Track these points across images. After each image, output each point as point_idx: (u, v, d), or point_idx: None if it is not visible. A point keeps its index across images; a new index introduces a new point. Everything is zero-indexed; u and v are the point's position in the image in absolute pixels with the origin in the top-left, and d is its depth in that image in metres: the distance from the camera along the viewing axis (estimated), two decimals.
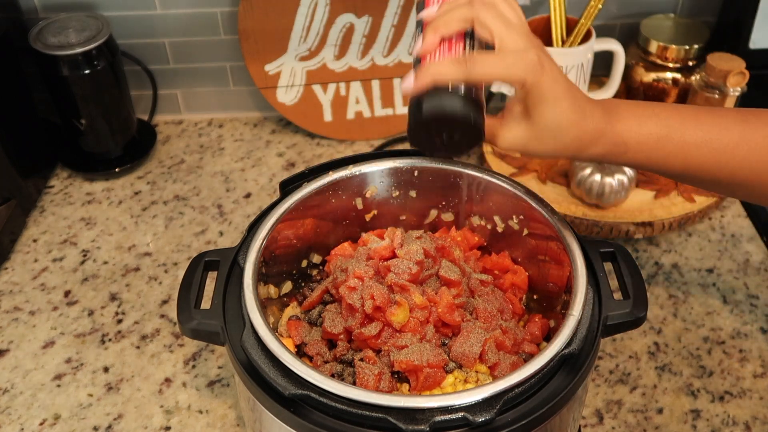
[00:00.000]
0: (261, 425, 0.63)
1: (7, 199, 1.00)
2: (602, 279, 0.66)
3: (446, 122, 0.59)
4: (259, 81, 1.14)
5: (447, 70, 0.58)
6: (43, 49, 1.01)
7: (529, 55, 0.58)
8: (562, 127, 0.60)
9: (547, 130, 0.61)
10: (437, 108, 0.58)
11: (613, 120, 0.62)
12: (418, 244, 0.74)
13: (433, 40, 0.60)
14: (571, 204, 0.98)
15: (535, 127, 0.61)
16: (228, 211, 1.06)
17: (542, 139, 0.61)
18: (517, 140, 0.62)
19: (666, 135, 0.62)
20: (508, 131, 0.62)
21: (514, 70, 0.58)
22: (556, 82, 0.59)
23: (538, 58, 0.58)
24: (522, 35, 0.59)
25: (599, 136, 0.62)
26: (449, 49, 0.60)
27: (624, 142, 0.62)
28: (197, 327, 0.64)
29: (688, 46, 1.08)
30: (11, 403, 0.82)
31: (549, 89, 0.59)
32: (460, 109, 0.58)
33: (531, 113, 0.61)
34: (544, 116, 0.60)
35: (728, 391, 0.81)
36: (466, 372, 0.68)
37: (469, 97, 0.58)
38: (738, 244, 0.98)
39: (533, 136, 0.62)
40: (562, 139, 0.61)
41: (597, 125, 0.61)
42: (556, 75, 0.59)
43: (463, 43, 0.60)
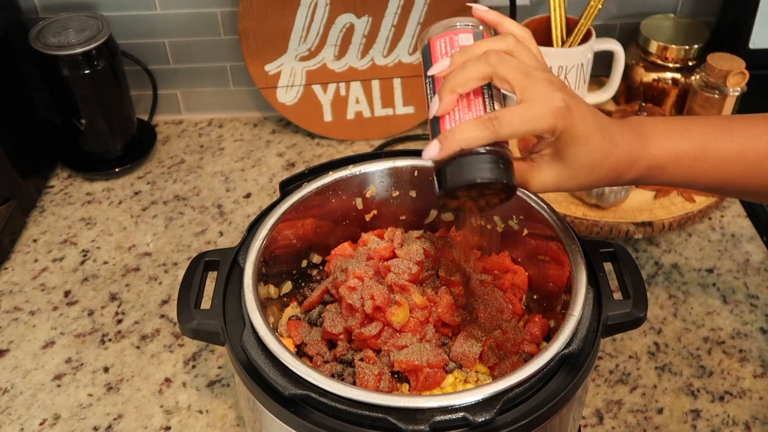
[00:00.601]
0: (261, 425, 0.63)
1: (7, 199, 1.00)
2: (602, 279, 0.66)
3: (478, 186, 0.56)
4: (259, 81, 1.14)
5: (473, 135, 0.55)
6: (43, 49, 1.01)
7: (555, 101, 0.55)
8: (595, 163, 0.58)
9: (581, 169, 0.59)
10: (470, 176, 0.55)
11: (645, 143, 0.60)
12: (418, 244, 0.74)
13: (452, 100, 0.57)
14: (571, 204, 0.98)
15: (568, 167, 0.59)
16: (228, 211, 1.06)
17: (576, 177, 0.59)
18: (550, 183, 0.60)
19: (702, 153, 0.61)
20: (541, 175, 0.60)
21: (542, 120, 0.55)
22: (585, 120, 0.57)
23: (564, 102, 0.55)
24: (542, 81, 0.56)
25: (633, 161, 0.60)
26: (468, 107, 0.57)
27: (659, 165, 0.61)
28: (197, 327, 0.64)
29: (688, 46, 1.09)
30: (11, 403, 0.82)
31: (579, 129, 0.57)
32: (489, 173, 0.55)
33: (563, 155, 0.58)
34: (577, 156, 0.58)
35: (728, 391, 0.81)
36: (466, 372, 0.68)
37: (497, 157, 0.56)
38: (738, 244, 0.98)
39: (567, 176, 0.59)
40: (597, 173, 0.59)
41: (629, 151, 0.59)
42: (584, 113, 0.57)
43: (482, 96, 0.57)
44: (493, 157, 0.55)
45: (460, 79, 0.56)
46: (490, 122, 0.55)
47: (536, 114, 0.55)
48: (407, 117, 1.18)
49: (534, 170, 0.60)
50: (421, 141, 1.17)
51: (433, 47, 0.61)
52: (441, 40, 0.61)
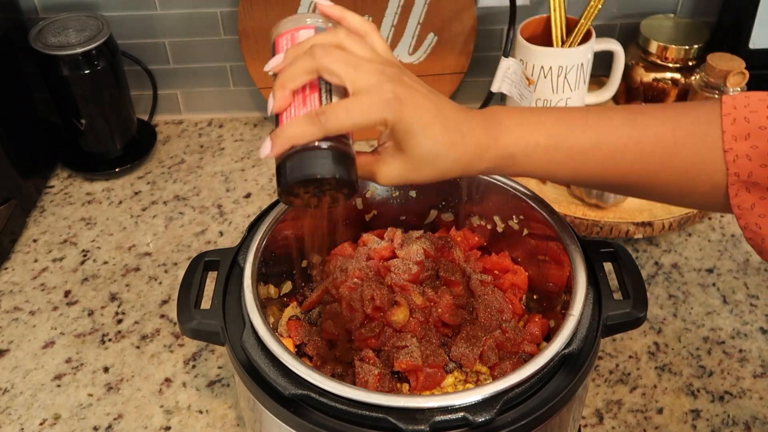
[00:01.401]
0: (261, 425, 0.63)
1: (7, 199, 1.00)
2: (602, 279, 0.66)
3: (314, 182, 0.55)
4: (259, 81, 1.14)
5: (301, 131, 0.55)
6: (43, 49, 1.01)
7: (383, 91, 0.54)
8: (439, 154, 0.57)
9: (424, 159, 0.57)
10: (301, 173, 0.55)
11: (497, 133, 0.59)
12: (418, 245, 0.74)
13: (283, 96, 0.56)
14: (571, 204, 0.98)
15: (410, 159, 0.57)
16: (228, 211, 1.06)
17: (421, 169, 0.58)
18: (395, 175, 0.59)
19: (554, 144, 0.59)
20: (386, 167, 0.59)
21: (370, 113, 0.54)
22: (421, 109, 0.55)
23: (393, 92, 0.54)
24: (372, 72, 0.55)
25: (482, 152, 0.58)
26: (304, 103, 0.56)
27: (510, 155, 0.59)
28: (197, 327, 0.64)
29: (688, 46, 1.08)
30: (11, 403, 0.82)
31: (413, 121, 0.55)
32: (321, 169, 0.54)
33: (403, 147, 0.57)
34: (417, 147, 0.56)
35: (728, 391, 0.81)
36: (466, 372, 0.68)
37: (335, 151, 0.55)
38: (738, 244, 0.98)
39: (411, 168, 0.58)
40: (440, 164, 0.58)
41: (478, 141, 0.58)
42: (420, 103, 0.56)
43: (318, 92, 0.56)
44: (328, 152, 0.55)
45: (288, 74, 0.56)
46: (317, 117, 0.54)
47: (363, 107, 0.54)
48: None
49: (380, 163, 0.59)
50: None
51: (277, 44, 0.61)
52: (285, 36, 0.61)
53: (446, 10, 1.11)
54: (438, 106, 0.57)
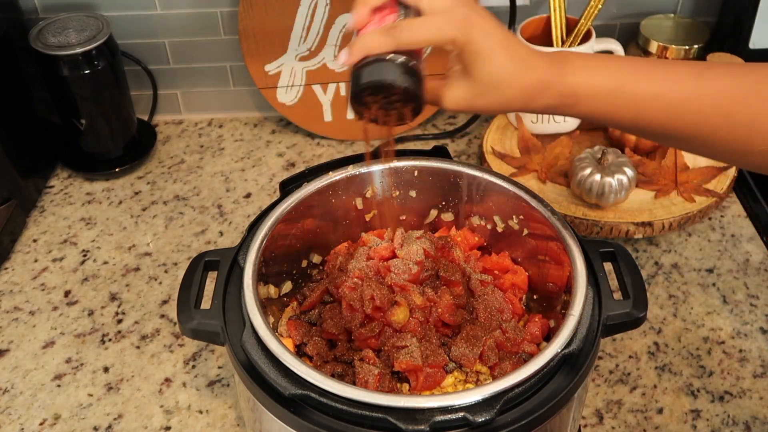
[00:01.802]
0: (261, 425, 0.63)
1: (7, 199, 1.00)
2: (602, 279, 0.66)
3: (383, 91, 0.59)
4: (259, 81, 1.14)
5: (375, 41, 0.58)
6: (43, 49, 1.01)
7: (455, 13, 0.57)
8: (503, 80, 0.60)
9: (489, 85, 0.60)
10: (371, 77, 0.58)
11: (563, 71, 0.61)
12: (418, 245, 0.74)
13: (363, 12, 0.60)
14: (571, 204, 0.98)
15: (476, 83, 0.60)
16: (228, 211, 1.06)
17: (485, 94, 0.61)
18: (460, 99, 0.62)
19: (617, 87, 0.61)
20: (451, 91, 0.62)
21: (441, 31, 0.57)
22: (489, 35, 0.58)
23: (465, 15, 0.57)
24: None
25: (546, 87, 0.61)
26: (381, 20, 0.60)
27: (574, 93, 0.61)
28: (197, 327, 0.64)
29: (688, 46, 1.09)
30: (11, 403, 0.82)
31: (482, 44, 0.58)
32: (393, 76, 0.58)
33: (469, 71, 0.60)
34: (483, 71, 0.59)
35: (728, 391, 0.81)
36: (466, 372, 0.68)
37: (405, 66, 0.58)
38: (738, 244, 0.98)
39: (476, 93, 0.61)
40: (505, 92, 0.60)
41: (543, 76, 0.60)
42: (489, 29, 0.59)
43: (396, 13, 0.60)
44: (399, 64, 0.58)
45: None
46: (391, 29, 0.58)
47: (436, 25, 0.57)
48: None
49: (446, 86, 0.62)
50: (421, 141, 1.17)
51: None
52: None
53: None
54: (507, 36, 0.60)
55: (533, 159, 1.06)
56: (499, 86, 0.60)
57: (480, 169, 0.77)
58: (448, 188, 0.79)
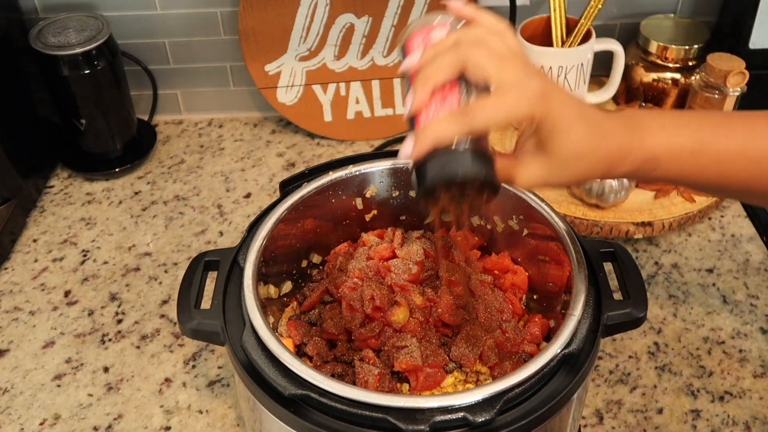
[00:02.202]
0: (261, 425, 0.63)
1: (7, 199, 1.00)
2: (602, 279, 0.66)
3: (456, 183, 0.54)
4: (259, 81, 1.14)
5: (447, 128, 0.53)
6: (43, 49, 1.01)
7: (530, 87, 0.53)
8: (582, 154, 0.55)
9: (568, 160, 0.56)
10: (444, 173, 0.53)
11: (640, 135, 0.57)
12: (418, 245, 0.74)
13: (425, 94, 0.54)
14: (571, 204, 0.98)
15: (553, 159, 0.56)
16: (228, 211, 1.06)
17: (564, 170, 0.56)
18: (537, 177, 0.57)
19: (699, 147, 0.58)
20: (526, 170, 0.57)
21: (517, 108, 0.53)
22: (566, 107, 0.54)
23: (541, 88, 0.53)
24: (518, 68, 0.54)
25: (626, 154, 0.57)
26: (443, 100, 0.55)
27: (655, 157, 0.58)
28: (197, 327, 0.64)
29: (688, 46, 1.08)
30: (11, 403, 0.82)
31: (560, 117, 0.54)
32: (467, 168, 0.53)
33: (546, 146, 0.55)
34: (561, 147, 0.55)
35: (728, 391, 0.81)
36: (466, 372, 0.68)
37: (476, 151, 0.53)
38: (738, 244, 0.98)
39: (554, 169, 0.56)
40: (584, 165, 0.56)
41: (621, 143, 0.57)
42: (565, 100, 0.55)
43: (458, 89, 0.55)
44: (470, 152, 0.53)
45: (432, 69, 0.54)
46: (462, 114, 0.53)
47: (511, 102, 0.53)
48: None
49: (519, 165, 0.58)
50: None
51: (408, 44, 0.60)
52: (417, 36, 0.59)
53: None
54: (581, 105, 0.56)
55: None
56: (577, 161, 0.56)
57: None
58: None
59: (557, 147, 0.55)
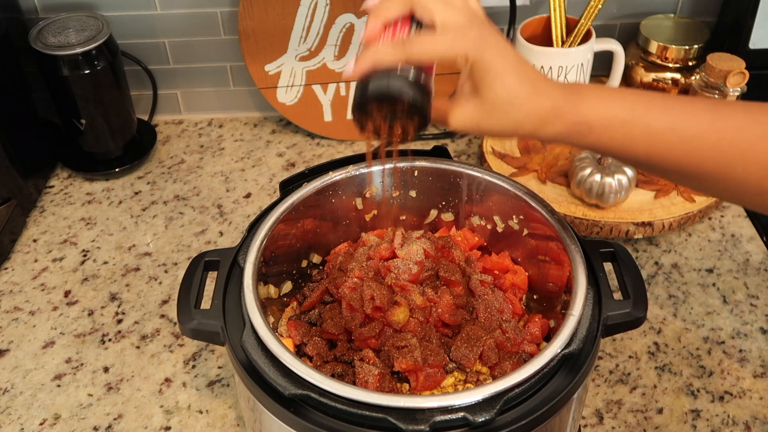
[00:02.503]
0: (261, 425, 0.63)
1: (7, 199, 1.00)
2: (602, 279, 0.66)
3: (389, 102, 0.57)
4: (259, 81, 1.14)
5: (386, 52, 0.57)
6: (43, 49, 1.01)
7: (469, 30, 0.57)
8: (512, 102, 0.58)
9: (498, 105, 0.59)
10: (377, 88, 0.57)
11: (576, 100, 0.60)
12: (418, 245, 0.74)
13: (375, 26, 0.59)
14: (571, 204, 0.98)
15: (485, 103, 0.59)
16: (228, 211, 1.06)
17: (493, 115, 0.59)
18: (468, 119, 0.60)
19: (631, 119, 0.59)
20: (459, 110, 0.60)
21: (454, 47, 0.57)
22: (502, 56, 0.58)
23: (479, 33, 0.57)
24: (463, 13, 0.58)
25: (558, 114, 0.59)
26: (393, 35, 0.59)
27: (587, 122, 0.60)
28: (197, 327, 0.64)
29: (688, 46, 1.09)
30: (11, 403, 0.82)
31: (494, 62, 0.57)
32: (400, 88, 0.57)
33: (479, 88, 0.58)
34: (492, 90, 0.58)
35: (728, 391, 0.81)
36: (466, 372, 0.68)
37: (414, 80, 0.57)
38: (738, 244, 0.98)
39: (484, 112, 0.59)
40: (514, 114, 0.59)
41: (555, 103, 0.59)
42: (503, 50, 0.58)
43: (408, 28, 0.59)
44: (407, 77, 0.57)
45: (384, 5, 0.59)
46: (402, 43, 0.57)
47: (449, 40, 0.57)
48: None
49: (454, 105, 0.61)
50: (421, 141, 1.17)
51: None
52: None
53: None
54: (519, 58, 0.59)
55: (533, 159, 1.06)
56: (507, 108, 0.59)
57: (480, 169, 0.77)
58: (448, 188, 0.79)
59: (488, 90, 0.58)
